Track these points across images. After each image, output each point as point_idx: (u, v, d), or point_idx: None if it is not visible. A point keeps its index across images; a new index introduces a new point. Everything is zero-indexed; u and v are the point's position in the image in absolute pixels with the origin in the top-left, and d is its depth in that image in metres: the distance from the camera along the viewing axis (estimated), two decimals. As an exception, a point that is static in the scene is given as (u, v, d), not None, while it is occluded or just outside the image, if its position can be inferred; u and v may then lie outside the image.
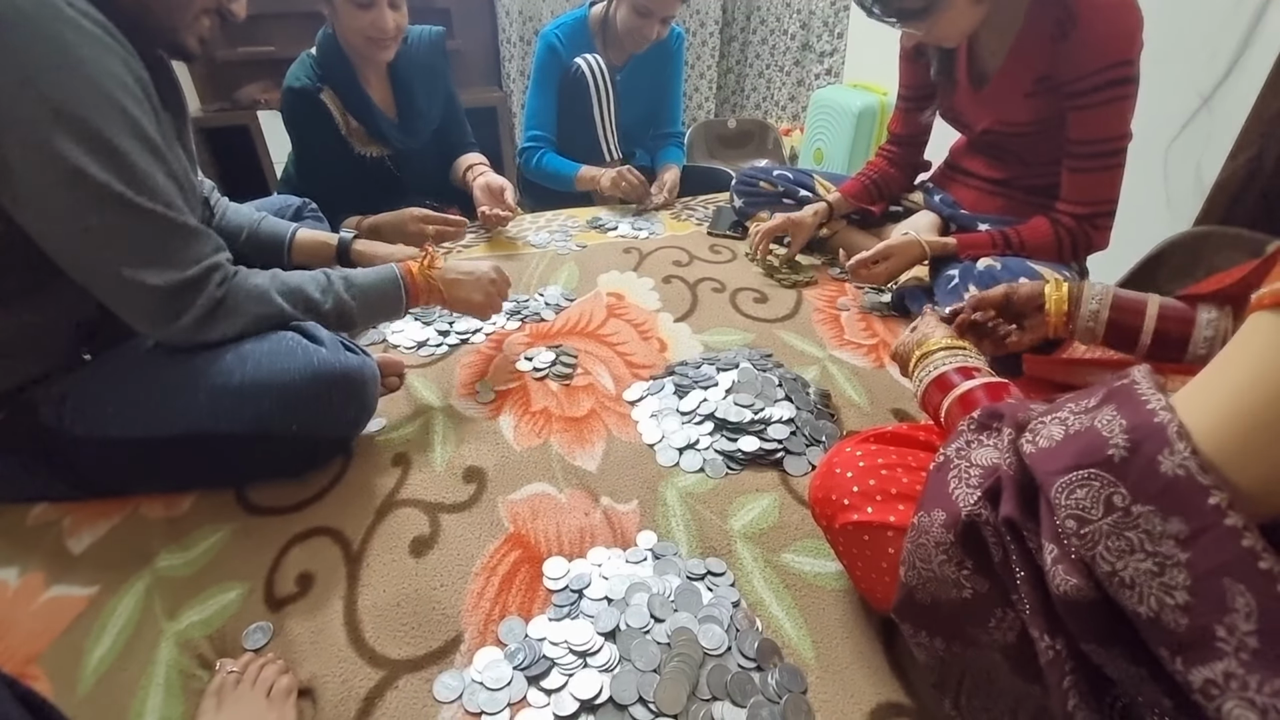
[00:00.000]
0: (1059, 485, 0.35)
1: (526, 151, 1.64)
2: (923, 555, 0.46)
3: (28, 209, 0.62)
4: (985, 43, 1.02)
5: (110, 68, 0.62)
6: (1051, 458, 0.37)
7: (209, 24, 0.75)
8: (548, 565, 0.69)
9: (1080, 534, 0.34)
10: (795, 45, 2.81)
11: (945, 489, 0.45)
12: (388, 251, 1.06)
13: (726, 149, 2.84)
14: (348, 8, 1.18)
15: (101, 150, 0.61)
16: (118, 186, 0.62)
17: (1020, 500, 0.39)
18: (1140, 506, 0.32)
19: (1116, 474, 0.33)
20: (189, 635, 0.62)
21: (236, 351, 0.72)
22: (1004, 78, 1.01)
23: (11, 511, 0.75)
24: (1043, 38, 0.92)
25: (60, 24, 0.59)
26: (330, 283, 0.83)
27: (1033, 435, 0.40)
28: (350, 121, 1.33)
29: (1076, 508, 0.34)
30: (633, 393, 0.96)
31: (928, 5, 0.90)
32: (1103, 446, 0.34)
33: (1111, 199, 0.99)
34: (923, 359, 0.68)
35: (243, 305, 0.73)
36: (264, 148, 2.36)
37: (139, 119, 0.64)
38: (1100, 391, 0.38)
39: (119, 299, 0.67)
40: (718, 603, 0.65)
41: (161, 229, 0.66)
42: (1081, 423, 0.37)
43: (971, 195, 1.19)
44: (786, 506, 0.77)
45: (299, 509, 0.76)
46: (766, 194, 1.46)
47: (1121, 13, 0.86)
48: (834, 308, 1.20)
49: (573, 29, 1.59)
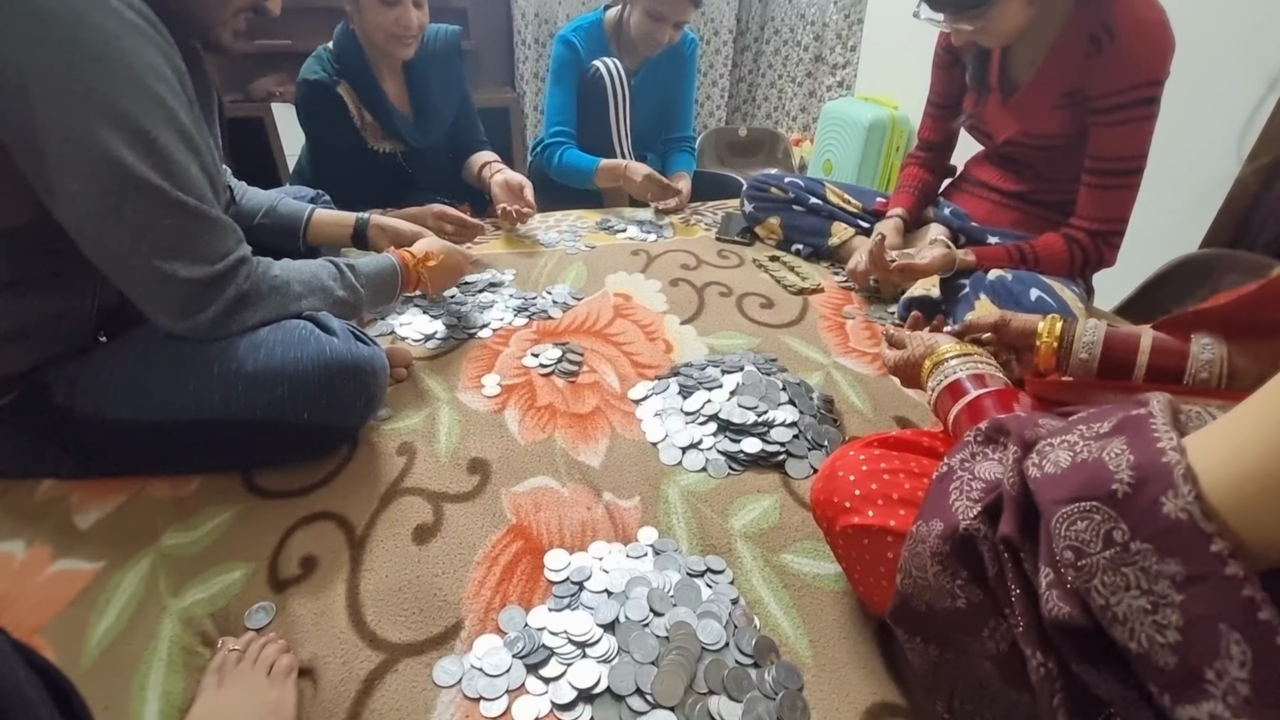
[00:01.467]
0: (1060, 515, 0.35)
1: (550, 147, 1.63)
2: (919, 564, 0.47)
3: (62, 197, 0.62)
4: (1020, 51, 1.04)
5: (150, 59, 0.63)
6: (1055, 485, 0.37)
7: (244, 19, 0.76)
8: (549, 557, 0.70)
9: (1077, 565, 0.34)
10: (808, 57, 2.83)
11: (946, 500, 0.46)
12: (410, 228, 1.08)
13: (737, 157, 2.86)
14: (373, 4, 1.21)
15: (140, 142, 0.62)
16: (155, 179, 0.63)
17: (1020, 520, 0.40)
18: (1139, 544, 0.32)
19: (1118, 510, 0.33)
20: (192, 613, 0.63)
21: (251, 339, 0.73)
22: (1034, 88, 1.02)
23: (19, 487, 0.76)
24: (1077, 51, 0.94)
25: (104, 15, 0.59)
26: (341, 271, 0.85)
27: (1039, 458, 0.39)
28: (365, 116, 1.35)
29: (1076, 539, 0.35)
30: (637, 391, 0.96)
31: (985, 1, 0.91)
32: (1107, 480, 0.34)
33: (1124, 218, 1.00)
34: (936, 366, 0.69)
35: (265, 297, 0.75)
36: (277, 140, 2.38)
37: (176, 111, 0.65)
38: (1116, 416, 0.38)
39: (146, 291, 0.68)
40: (717, 599, 0.65)
41: (194, 221, 0.67)
42: (1090, 451, 0.36)
43: (984, 207, 1.20)
44: (787, 508, 0.77)
45: (304, 493, 0.77)
46: (777, 200, 1.47)
47: (1159, 33, 0.89)
48: (840, 315, 1.21)
49: (589, 32, 1.61)
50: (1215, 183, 1.36)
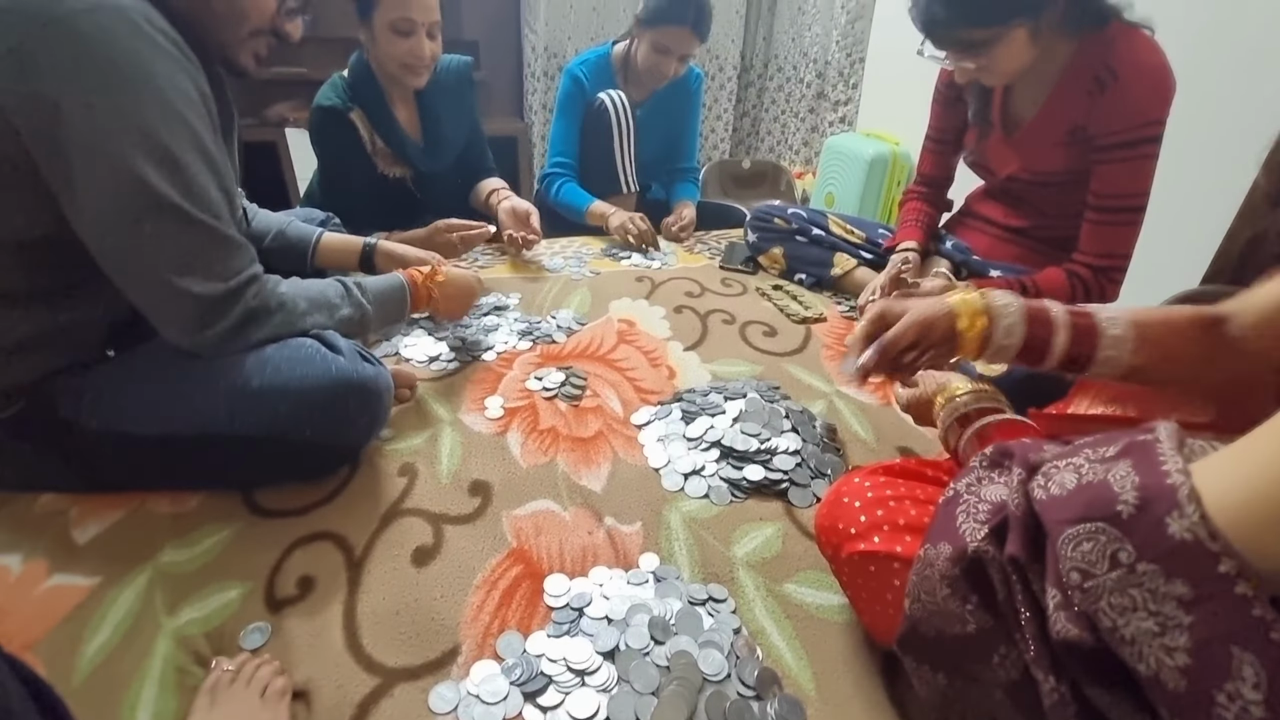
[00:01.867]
0: (1066, 536, 0.35)
1: (549, 177, 1.69)
2: (928, 588, 0.46)
3: (85, 211, 0.64)
4: (1022, 91, 1.06)
5: (179, 83, 0.65)
6: (1061, 506, 0.37)
7: (264, 44, 0.78)
8: (549, 582, 0.69)
9: (1084, 587, 0.34)
10: (810, 93, 2.89)
11: (953, 523, 0.46)
12: (416, 253, 1.09)
13: (740, 188, 2.90)
14: (388, 35, 1.24)
15: (165, 162, 0.64)
16: (176, 197, 0.65)
17: (1026, 541, 0.39)
18: (1145, 565, 0.32)
19: (1123, 530, 0.33)
20: (187, 632, 0.62)
21: (257, 355, 0.73)
22: (1037, 126, 1.04)
23: (19, 499, 0.76)
24: (1080, 91, 0.96)
25: (138, 40, 0.62)
26: (348, 290, 0.86)
27: (1045, 480, 0.40)
28: (376, 142, 1.37)
29: (1082, 560, 0.35)
30: (640, 416, 0.96)
31: (990, 38, 0.93)
32: (1112, 501, 0.34)
33: (1126, 254, 1.02)
34: (948, 402, 0.69)
35: (272, 314, 0.75)
36: (289, 164, 2.42)
37: (200, 133, 0.67)
38: (1121, 442, 0.38)
39: (159, 305, 0.69)
40: (718, 628, 0.64)
41: (211, 240, 0.68)
42: (1095, 473, 0.37)
43: (985, 241, 1.21)
44: (790, 537, 0.77)
45: (304, 512, 0.76)
46: (780, 230, 1.49)
47: (1160, 75, 0.91)
48: (842, 345, 1.21)
49: (596, 65, 1.65)
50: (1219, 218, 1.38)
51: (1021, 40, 0.94)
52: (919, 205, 1.33)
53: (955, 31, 0.95)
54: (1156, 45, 0.93)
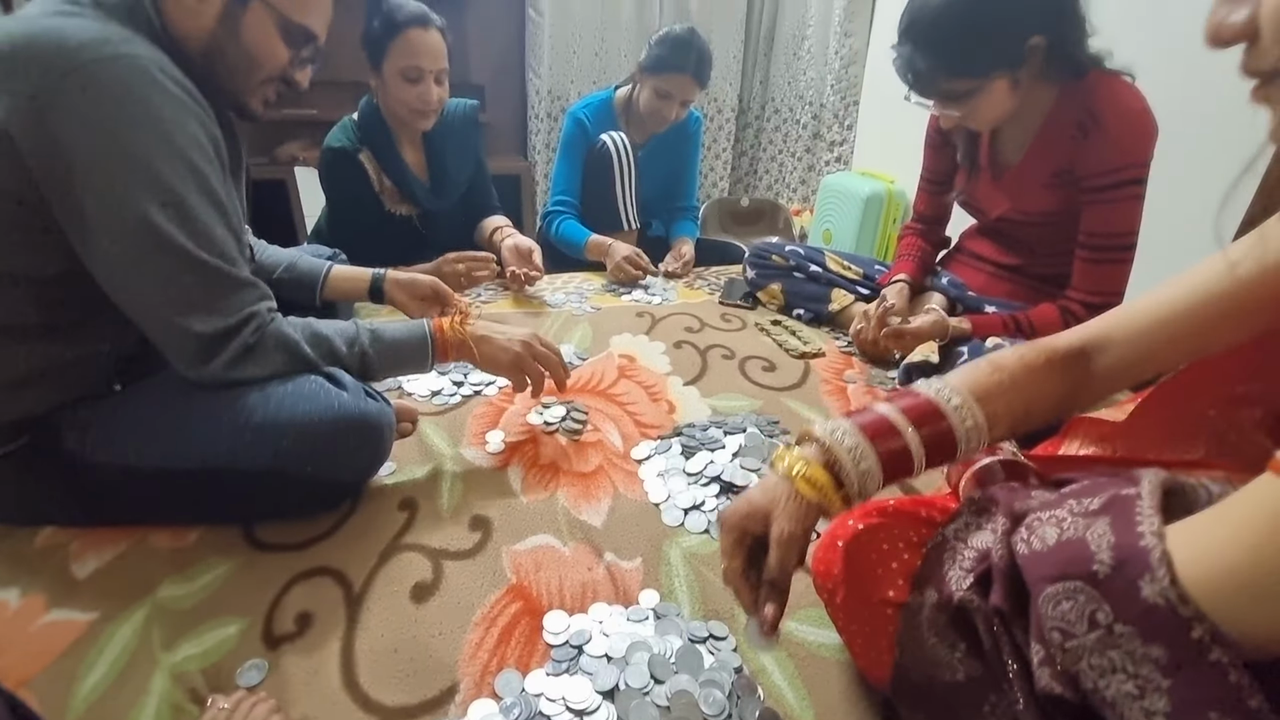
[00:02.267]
0: (1046, 595, 0.36)
1: (550, 215, 1.74)
2: (916, 636, 0.46)
3: (94, 250, 0.66)
4: (1008, 134, 1.10)
5: (189, 128, 0.68)
6: (1041, 563, 0.37)
7: (274, 90, 0.82)
8: (548, 619, 0.68)
9: (1065, 647, 0.35)
10: (807, 134, 2.97)
11: (940, 569, 0.46)
12: (427, 278, 1.10)
13: (739, 225, 2.95)
14: (397, 81, 1.29)
15: (170, 204, 0.66)
16: (180, 239, 0.67)
17: (1010, 594, 0.40)
18: (1122, 626, 0.33)
19: (1100, 590, 0.34)
20: (184, 668, 0.61)
21: (261, 390, 0.74)
22: (1024, 168, 1.07)
23: (19, 533, 0.76)
24: (1064, 135, 1.00)
25: (150, 89, 0.65)
26: (357, 335, 0.84)
27: (1028, 533, 0.40)
28: (384, 181, 1.41)
29: (1062, 620, 0.35)
30: (640, 451, 0.97)
31: (971, 89, 0.97)
32: (1088, 560, 0.35)
33: (1118, 291, 1.03)
34: None
35: (272, 352, 0.76)
36: (298, 202, 2.47)
37: (208, 176, 0.70)
38: (1106, 494, 0.38)
39: (164, 339, 0.72)
40: (720, 667, 0.64)
41: (214, 280, 0.70)
42: (1076, 529, 0.37)
43: (980, 278, 1.23)
44: (790, 573, 0.76)
45: (304, 547, 0.76)
46: (778, 267, 1.51)
47: (1142, 119, 0.94)
48: (841, 380, 1.22)
49: (599, 109, 1.71)
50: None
51: (1002, 90, 0.97)
52: (914, 240, 1.36)
53: (936, 83, 0.99)
54: (1137, 91, 0.97)
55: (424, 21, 1.28)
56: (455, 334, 0.89)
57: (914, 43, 0.97)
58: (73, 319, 0.72)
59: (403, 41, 1.27)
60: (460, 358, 0.91)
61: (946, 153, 1.23)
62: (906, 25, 0.98)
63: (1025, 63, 0.95)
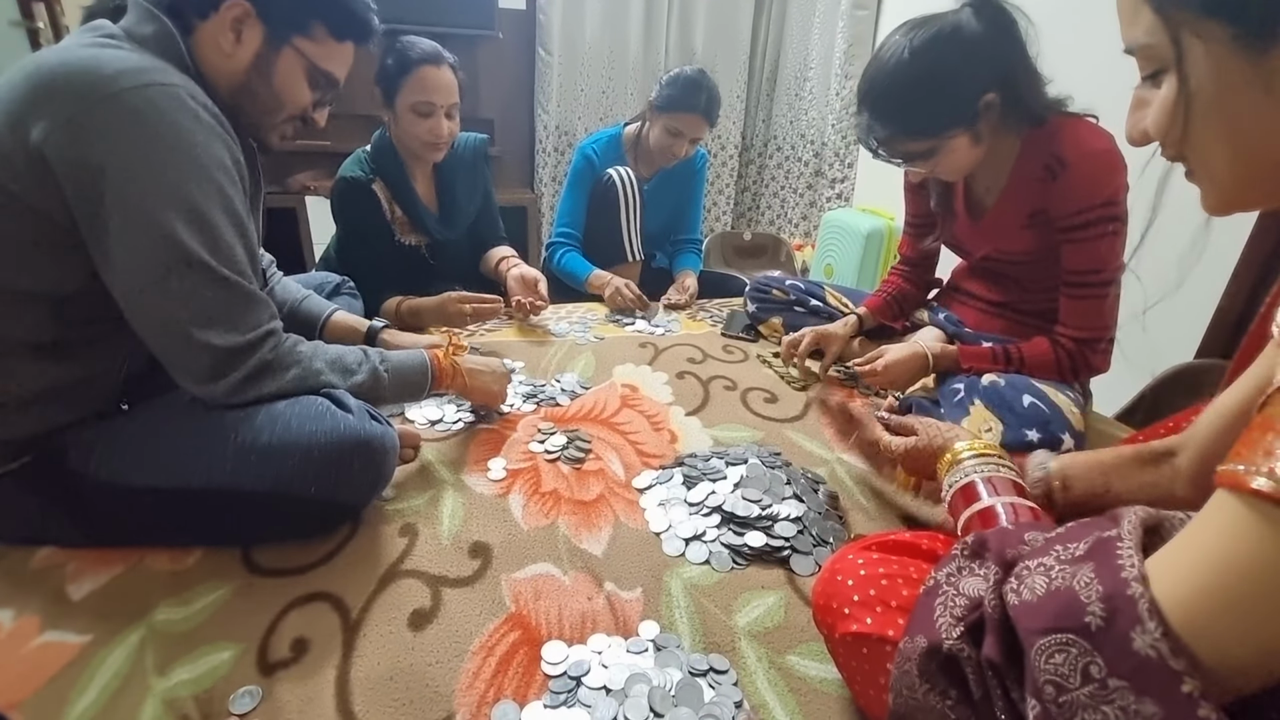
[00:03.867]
0: (1039, 647, 0.36)
1: (554, 246, 1.77)
2: (907, 682, 0.46)
3: (116, 266, 0.68)
4: (981, 179, 1.12)
5: (216, 152, 0.71)
6: (1032, 614, 0.38)
7: (292, 128, 0.87)
8: (547, 649, 0.68)
9: (1059, 702, 0.35)
10: (808, 171, 3.03)
11: (930, 615, 0.45)
12: (412, 340, 1.12)
13: (741, 259, 2.99)
14: (409, 115, 1.33)
15: (195, 222, 0.69)
16: (204, 255, 0.69)
17: (1002, 645, 0.40)
18: (1115, 681, 0.33)
19: (1093, 643, 0.34)
20: (176, 694, 0.60)
21: (268, 411, 0.75)
22: (1000, 211, 1.09)
23: (16, 553, 0.75)
24: (1033, 179, 1.01)
25: (180, 114, 0.68)
26: (367, 356, 0.89)
27: (1017, 583, 0.40)
28: (396, 211, 1.44)
29: (1055, 674, 0.35)
30: (642, 480, 0.96)
31: (932, 148, 0.99)
32: (1080, 612, 0.35)
33: (1107, 325, 1.03)
34: (954, 465, 0.69)
35: (286, 370, 0.78)
36: (307, 230, 2.52)
37: (232, 198, 0.73)
38: (1090, 538, 0.39)
39: (178, 355, 0.72)
40: (720, 702, 0.63)
41: (234, 295, 0.72)
42: (1063, 579, 0.37)
43: (974, 315, 1.24)
44: (793, 606, 0.76)
45: (302, 572, 0.76)
46: (779, 301, 1.53)
47: (1107, 158, 0.95)
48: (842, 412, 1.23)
49: (607, 144, 1.75)
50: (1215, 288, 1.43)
51: (963, 146, 0.98)
52: (894, 280, 1.38)
53: (896, 146, 1.01)
54: (1102, 130, 0.98)
55: (436, 60, 1.33)
56: (450, 363, 0.98)
57: (871, 109, 1.00)
58: (86, 337, 0.73)
59: (415, 78, 1.31)
60: (452, 386, 0.99)
61: (923, 197, 1.25)
62: (863, 93, 1.00)
63: (981, 118, 0.96)
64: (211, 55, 0.77)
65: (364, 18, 0.84)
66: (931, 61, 0.93)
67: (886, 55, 0.97)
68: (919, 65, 0.94)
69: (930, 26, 0.95)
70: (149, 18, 0.73)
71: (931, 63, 0.94)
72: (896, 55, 0.95)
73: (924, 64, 0.94)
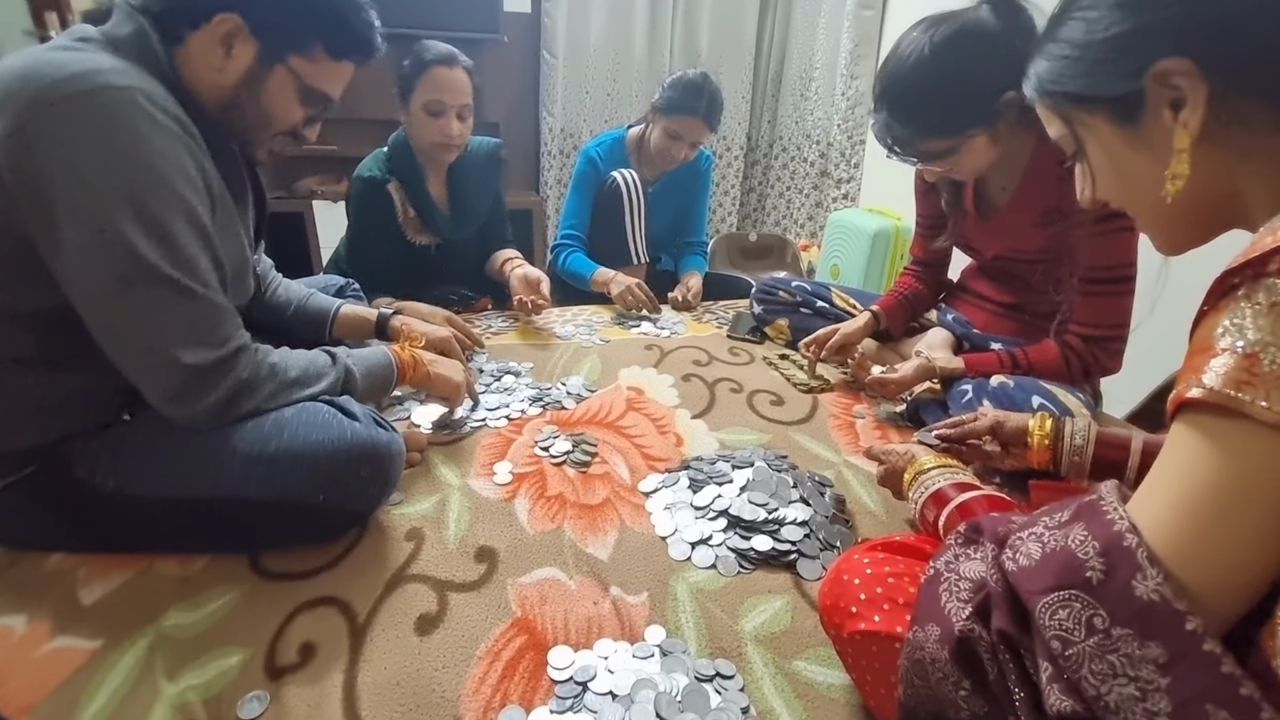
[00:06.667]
0: (1043, 605, 0.37)
1: (558, 248, 1.77)
2: (919, 672, 0.46)
3: (77, 282, 0.65)
4: (994, 179, 1.11)
5: (175, 157, 0.67)
6: (1033, 576, 0.39)
7: (281, 143, 0.84)
8: (553, 654, 0.68)
9: (1065, 655, 0.36)
10: (814, 171, 3.02)
11: (937, 603, 0.46)
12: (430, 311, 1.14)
13: (747, 260, 2.98)
14: (421, 114, 1.36)
15: (155, 233, 0.65)
16: (165, 267, 0.66)
17: (1012, 614, 0.40)
18: (1119, 629, 0.34)
19: (1095, 596, 0.35)
20: (185, 698, 0.61)
21: (275, 420, 0.75)
22: (1013, 210, 1.08)
23: (28, 558, 0.76)
24: (1049, 176, 1.00)
25: (137, 119, 0.64)
26: (335, 359, 0.87)
27: (1013, 552, 0.41)
28: (409, 211, 1.46)
29: (1060, 629, 0.36)
30: (648, 484, 0.96)
31: (951, 147, 0.98)
32: (1080, 568, 0.36)
33: (1121, 323, 1.02)
34: (917, 477, 0.70)
35: (263, 383, 0.76)
36: (314, 233, 2.53)
37: (195, 206, 0.69)
38: (1071, 506, 0.40)
39: (147, 374, 0.69)
40: (726, 707, 0.62)
41: (200, 308, 0.69)
42: (1056, 540, 0.39)
43: (983, 317, 1.23)
44: (799, 611, 0.75)
45: (309, 576, 0.76)
46: (785, 302, 1.52)
47: None
48: (850, 415, 1.22)
49: (611, 147, 1.75)
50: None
51: (982, 144, 0.97)
52: (907, 280, 1.37)
53: (915, 145, 1.00)
54: None
55: (450, 61, 1.35)
56: (411, 355, 0.99)
57: (889, 109, 0.98)
58: (73, 351, 0.70)
59: (428, 78, 1.34)
60: (415, 379, 0.99)
61: (934, 198, 1.24)
62: (880, 91, 0.99)
63: (1001, 117, 0.95)
64: (199, 67, 0.73)
65: (366, 37, 0.80)
66: (953, 59, 0.92)
67: (906, 52, 0.95)
68: (940, 63, 0.92)
69: (950, 24, 0.93)
70: (128, 19, 0.69)
71: (953, 60, 0.92)
72: (917, 52, 0.94)
73: (945, 62, 0.92)
